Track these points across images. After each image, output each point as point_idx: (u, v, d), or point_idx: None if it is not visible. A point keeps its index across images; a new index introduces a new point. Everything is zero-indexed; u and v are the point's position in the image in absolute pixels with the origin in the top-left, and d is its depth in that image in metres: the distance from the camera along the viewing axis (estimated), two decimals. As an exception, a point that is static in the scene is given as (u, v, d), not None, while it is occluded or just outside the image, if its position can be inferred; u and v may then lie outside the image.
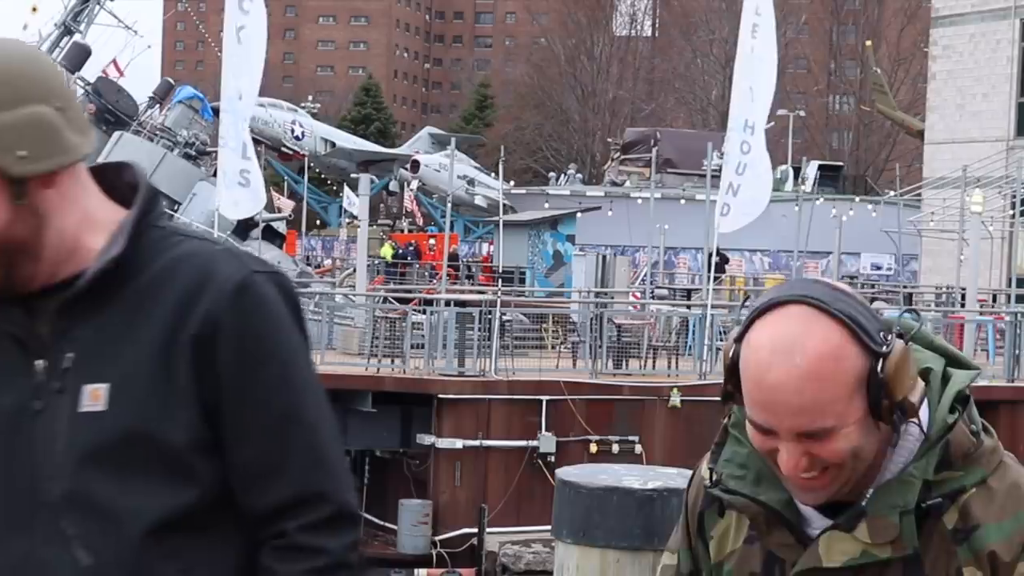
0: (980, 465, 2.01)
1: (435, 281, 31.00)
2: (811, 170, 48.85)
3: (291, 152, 65.38)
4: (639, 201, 40.06)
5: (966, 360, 2.10)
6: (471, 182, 66.41)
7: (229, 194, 19.73)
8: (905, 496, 1.98)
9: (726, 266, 34.69)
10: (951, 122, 37.37)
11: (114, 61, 37.21)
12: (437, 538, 18.85)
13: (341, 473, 2.17)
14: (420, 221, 63.37)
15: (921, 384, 2.01)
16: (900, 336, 1.97)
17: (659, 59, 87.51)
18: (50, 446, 2.10)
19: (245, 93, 19.56)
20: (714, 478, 2.10)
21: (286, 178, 67.12)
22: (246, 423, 2.12)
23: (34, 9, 38.08)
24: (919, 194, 37.25)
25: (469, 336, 20.01)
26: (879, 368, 1.93)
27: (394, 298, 25.65)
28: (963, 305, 26.81)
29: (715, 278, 22.90)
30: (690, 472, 2.29)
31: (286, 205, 47.63)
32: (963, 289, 27.44)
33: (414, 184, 63.71)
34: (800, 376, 1.91)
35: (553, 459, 18.70)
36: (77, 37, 36.66)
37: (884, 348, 1.94)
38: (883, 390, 1.93)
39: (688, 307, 25.61)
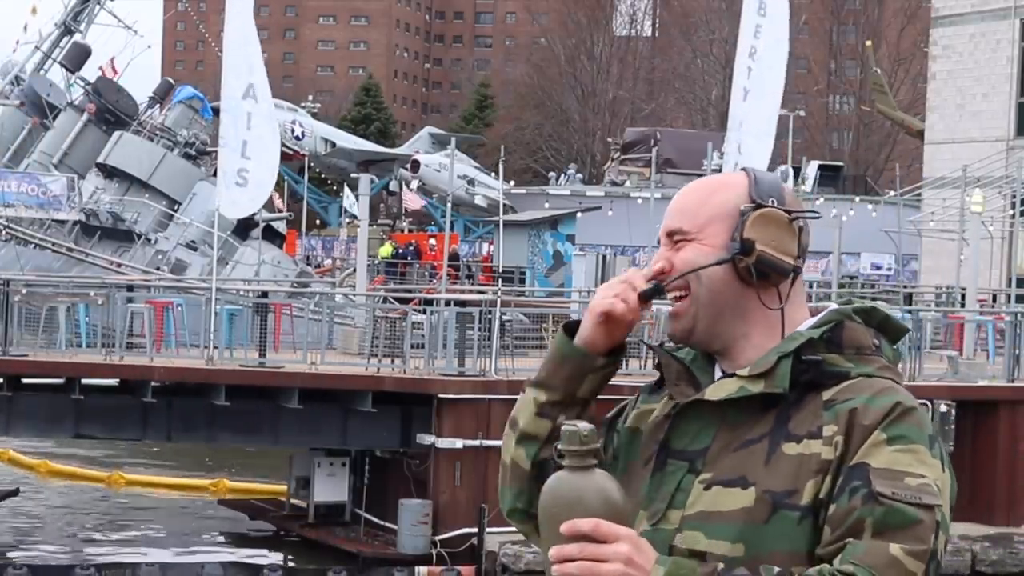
0: (870, 365, 2.22)
1: (435, 281, 31.00)
2: (811, 170, 48.79)
3: (291, 152, 65.35)
4: (639, 201, 40.07)
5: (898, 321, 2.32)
6: (471, 182, 66.38)
7: (229, 194, 19.74)
8: (788, 345, 2.22)
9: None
10: (951, 122, 37.35)
11: (111, 61, 37.19)
12: (437, 538, 18.84)
13: None
14: (413, 207, 62.95)
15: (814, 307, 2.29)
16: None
17: (659, 59, 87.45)
18: None
19: (245, 90, 19.58)
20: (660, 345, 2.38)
21: (286, 178, 67.09)
22: None
23: (34, 10, 38.09)
24: (919, 194, 37.21)
25: (469, 336, 20.00)
26: (749, 208, 2.24)
27: (394, 298, 25.63)
28: (963, 305, 26.78)
29: None
30: None
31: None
32: (963, 289, 27.43)
33: (414, 184, 63.67)
34: (693, 184, 2.33)
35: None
36: (77, 37, 36.68)
37: (765, 202, 2.24)
38: (741, 227, 2.23)
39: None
